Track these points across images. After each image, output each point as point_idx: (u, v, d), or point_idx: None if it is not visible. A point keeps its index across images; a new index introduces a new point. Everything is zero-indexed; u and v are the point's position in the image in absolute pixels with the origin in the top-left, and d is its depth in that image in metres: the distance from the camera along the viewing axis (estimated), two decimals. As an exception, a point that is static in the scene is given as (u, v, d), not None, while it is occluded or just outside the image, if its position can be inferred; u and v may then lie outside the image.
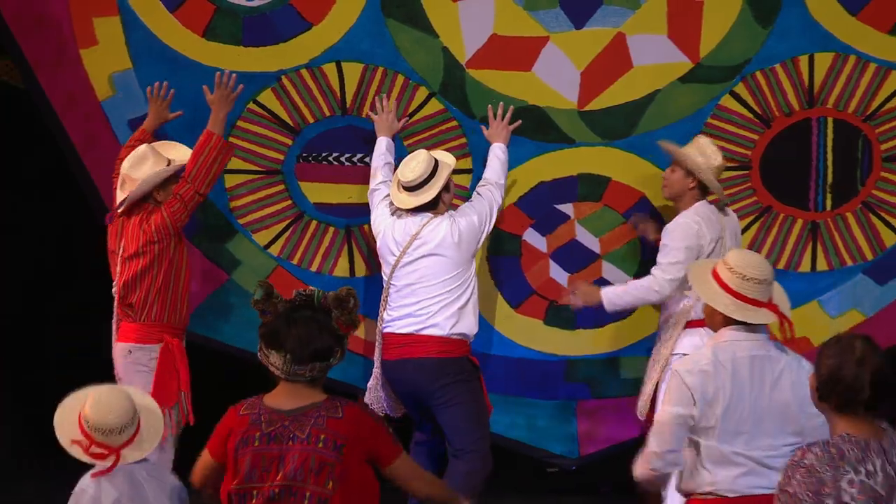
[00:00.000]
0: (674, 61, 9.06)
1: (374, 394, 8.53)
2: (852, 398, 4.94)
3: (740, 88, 9.03)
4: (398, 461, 5.45)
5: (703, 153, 8.30)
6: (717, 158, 8.31)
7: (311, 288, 5.59)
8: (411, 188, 8.23)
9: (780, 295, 5.93)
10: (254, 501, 5.33)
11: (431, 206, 8.23)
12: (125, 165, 8.11)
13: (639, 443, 9.11)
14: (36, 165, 10.70)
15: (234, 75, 8.33)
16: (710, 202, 8.19)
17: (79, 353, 9.49)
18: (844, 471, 4.88)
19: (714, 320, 5.91)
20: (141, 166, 8.12)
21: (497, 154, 8.59)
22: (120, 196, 8.16)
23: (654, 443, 5.83)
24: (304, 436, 5.32)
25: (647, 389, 8.21)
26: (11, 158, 10.66)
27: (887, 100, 8.98)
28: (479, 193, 8.45)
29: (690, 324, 8.23)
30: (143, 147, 8.24)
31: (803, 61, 8.99)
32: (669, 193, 8.41)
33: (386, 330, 8.26)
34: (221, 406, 6.12)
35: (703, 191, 8.23)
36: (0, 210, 10.72)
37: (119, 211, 8.14)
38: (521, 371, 9.27)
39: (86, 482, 5.80)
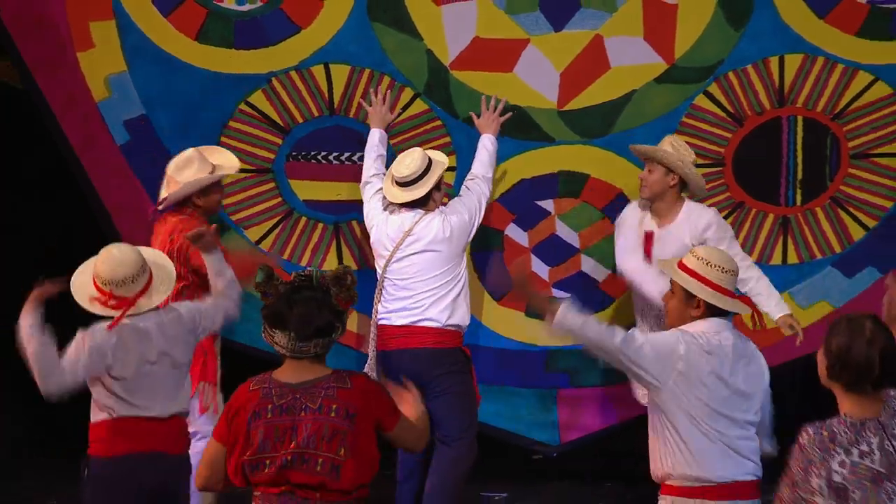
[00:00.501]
0: (650, 62, 9.19)
1: None
2: (863, 377, 4.93)
3: (714, 88, 9.18)
4: (399, 424, 5.50)
5: (677, 150, 8.34)
6: (689, 155, 8.35)
7: (309, 269, 5.71)
8: (404, 184, 8.32)
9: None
10: (267, 470, 5.34)
11: (422, 203, 8.34)
12: (171, 166, 8.00)
13: (619, 429, 9.39)
14: (36, 165, 10.66)
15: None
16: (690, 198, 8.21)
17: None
18: (835, 453, 4.88)
19: (686, 314, 6.01)
20: (185, 170, 7.98)
21: (486, 145, 8.71)
22: (162, 195, 8.09)
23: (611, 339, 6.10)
24: (315, 406, 5.35)
25: None
26: (11, 158, 10.65)
27: (854, 99, 9.12)
28: (467, 187, 8.56)
29: None
30: (190, 150, 8.11)
31: (774, 62, 9.13)
32: (650, 193, 8.39)
33: (381, 322, 8.36)
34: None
35: (682, 187, 8.29)
36: (0, 210, 10.78)
37: (159, 209, 8.08)
38: (503, 361, 9.42)
39: (97, 326, 5.96)
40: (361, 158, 9.37)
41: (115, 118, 9.33)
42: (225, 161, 8.26)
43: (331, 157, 9.38)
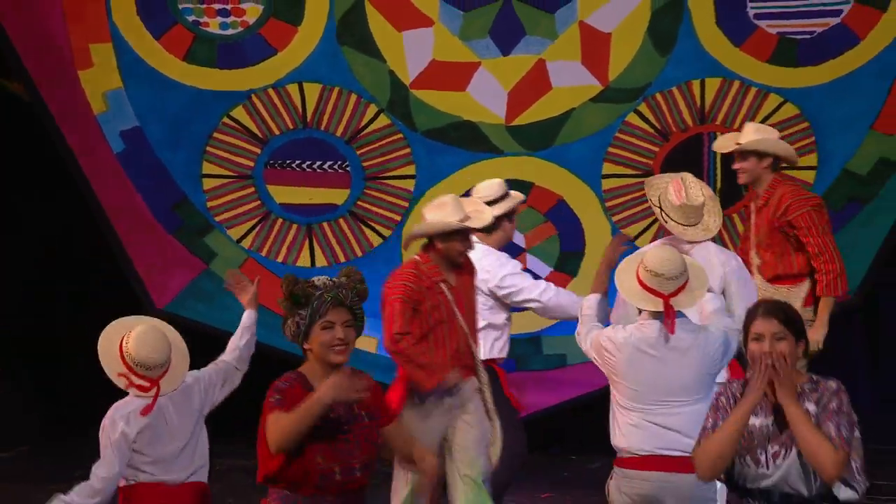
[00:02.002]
0: (586, 84, 9.79)
1: None
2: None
3: (643, 107, 9.77)
4: (394, 424, 5.47)
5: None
6: (697, 198, 7.49)
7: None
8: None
9: (699, 279, 6.08)
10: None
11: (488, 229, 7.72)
12: (428, 205, 7.43)
13: (562, 408, 9.79)
14: (36, 166, 10.63)
15: None
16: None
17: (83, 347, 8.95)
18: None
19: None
20: (437, 210, 7.33)
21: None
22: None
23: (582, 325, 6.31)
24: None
25: None
26: (11, 159, 10.63)
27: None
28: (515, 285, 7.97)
29: None
30: (449, 195, 7.51)
31: (696, 85, 9.74)
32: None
33: None
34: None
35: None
36: (0, 210, 10.82)
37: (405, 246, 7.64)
38: None
39: (119, 413, 5.93)
40: (332, 167, 9.94)
41: (112, 129, 9.92)
42: (473, 211, 7.52)
43: (304, 166, 10.00)
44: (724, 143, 8.33)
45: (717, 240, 8.13)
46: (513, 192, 8.02)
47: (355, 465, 5.22)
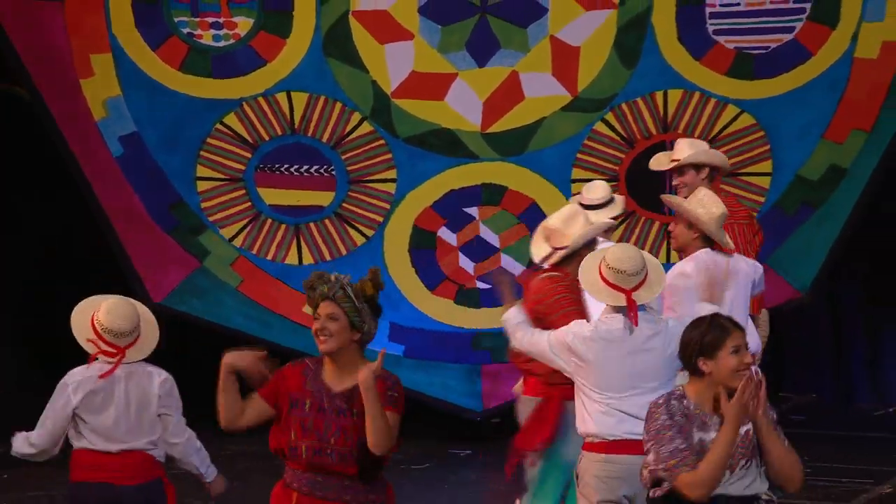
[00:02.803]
0: (557, 94, 10.09)
1: None
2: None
3: (610, 117, 10.08)
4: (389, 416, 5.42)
5: (704, 205, 7.36)
6: (717, 209, 7.27)
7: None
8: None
9: (657, 275, 6.12)
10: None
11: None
12: (555, 221, 7.04)
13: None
14: (36, 166, 10.62)
15: None
16: (714, 249, 7.27)
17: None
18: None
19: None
20: (572, 223, 6.97)
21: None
22: (543, 250, 7.05)
23: (526, 336, 6.33)
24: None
25: None
26: (12, 159, 10.57)
27: (725, 127, 9.99)
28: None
29: None
30: (572, 206, 7.24)
31: (659, 96, 10.04)
32: (676, 245, 7.51)
33: None
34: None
35: (706, 241, 7.23)
36: (0, 210, 10.72)
37: (545, 264, 7.06)
38: (436, 341, 10.24)
39: (72, 378, 5.97)
40: (318, 170, 10.22)
41: (111, 134, 10.19)
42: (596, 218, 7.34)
43: (292, 169, 10.29)
44: (660, 161, 8.14)
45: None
46: (617, 197, 7.79)
47: (327, 449, 5.31)
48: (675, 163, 7.88)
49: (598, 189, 7.71)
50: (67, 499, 6.04)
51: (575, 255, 6.81)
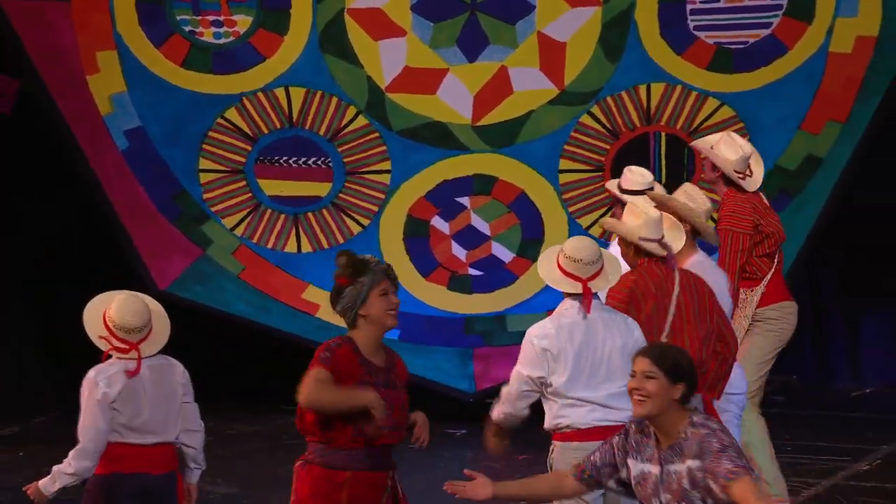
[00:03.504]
0: (544, 88, 10.18)
1: None
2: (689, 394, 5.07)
3: (595, 109, 10.16)
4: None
5: (692, 199, 7.29)
6: (705, 203, 7.25)
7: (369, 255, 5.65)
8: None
9: (613, 266, 6.17)
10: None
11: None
12: (680, 205, 6.96)
13: None
14: (36, 166, 10.67)
15: None
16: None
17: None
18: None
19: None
20: (694, 199, 7.07)
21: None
22: (679, 236, 6.85)
23: (505, 392, 6.12)
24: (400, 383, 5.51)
25: None
26: (12, 159, 10.55)
27: (705, 119, 10.04)
28: None
29: None
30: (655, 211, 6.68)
31: (643, 89, 10.10)
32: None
33: None
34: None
35: (695, 233, 7.12)
36: (0, 210, 10.62)
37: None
38: (429, 325, 10.33)
39: (102, 375, 5.82)
40: (315, 162, 10.31)
41: (117, 129, 10.32)
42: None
43: (290, 161, 10.41)
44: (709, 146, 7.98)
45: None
46: (657, 187, 7.60)
47: (388, 424, 5.37)
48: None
49: (642, 175, 7.64)
50: (96, 490, 5.90)
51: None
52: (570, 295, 6.10)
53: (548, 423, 6.10)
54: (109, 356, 5.87)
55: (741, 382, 7.03)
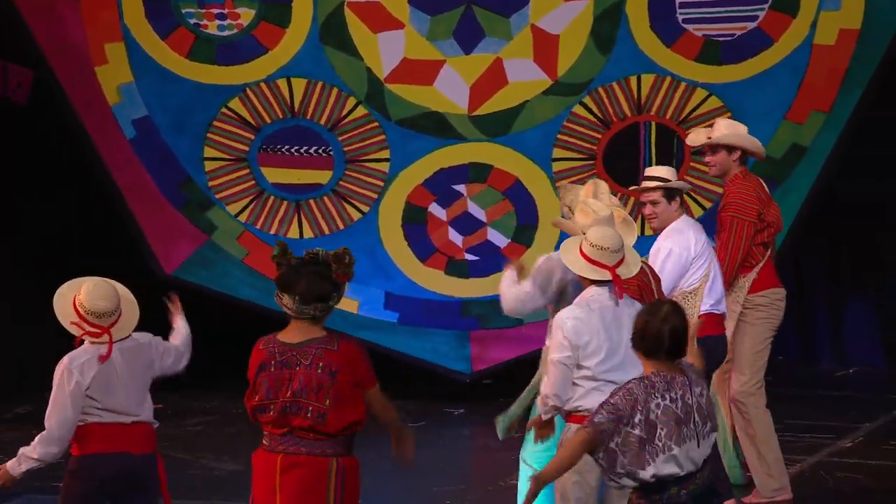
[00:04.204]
0: (538, 79, 10.26)
1: None
2: (655, 347, 5.23)
3: (587, 100, 10.24)
4: (372, 390, 5.51)
5: (732, 127, 7.74)
6: (742, 127, 7.73)
7: (316, 248, 5.64)
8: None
9: (632, 255, 6.18)
10: (270, 414, 5.48)
11: None
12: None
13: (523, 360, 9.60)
14: (37, 165, 10.64)
15: None
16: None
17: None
18: (653, 396, 5.17)
19: (584, 283, 6.21)
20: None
21: None
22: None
23: (547, 386, 6.06)
24: (307, 363, 5.43)
25: None
26: (12, 159, 10.50)
27: (694, 109, 10.13)
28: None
29: None
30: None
31: (633, 80, 10.18)
32: (657, 224, 7.57)
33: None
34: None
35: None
36: (0, 209, 10.54)
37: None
38: (428, 309, 10.38)
39: (75, 362, 5.82)
40: (317, 151, 10.38)
41: (125, 118, 10.40)
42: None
43: (292, 150, 10.51)
44: (696, 138, 8.01)
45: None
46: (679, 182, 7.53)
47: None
48: (709, 140, 7.76)
49: (664, 171, 7.53)
50: (79, 472, 5.92)
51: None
52: (593, 282, 6.11)
53: (568, 405, 6.11)
54: (82, 341, 5.89)
55: None
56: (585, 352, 6.03)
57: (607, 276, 6.07)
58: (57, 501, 5.99)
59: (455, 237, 10.49)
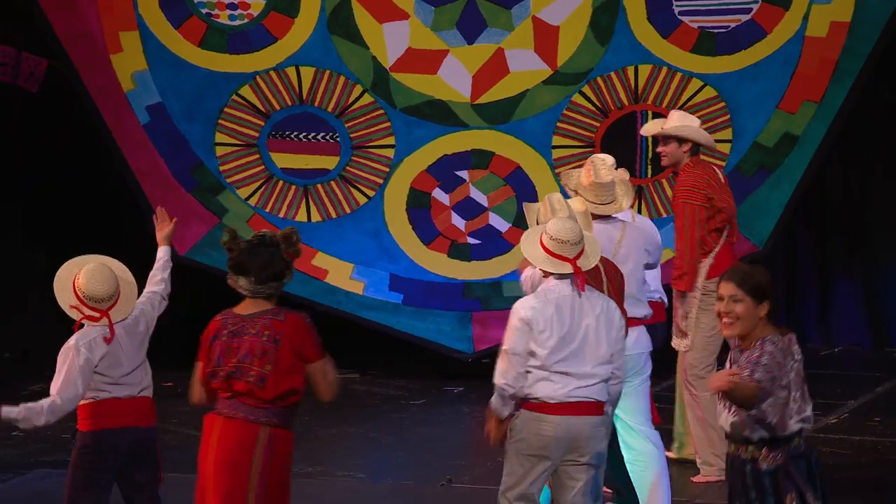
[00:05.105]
0: (538, 69, 10.31)
1: None
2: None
3: (586, 89, 10.32)
4: (315, 364, 5.63)
5: (682, 119, 7.84)
6: (694, 121, 7.86)
7: (264, 229, 5.81)
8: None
9: (592, 247, 6.13)
10: (219, 378, 5.65)
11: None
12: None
13: None
14: (38, 163, 10.79)
15: None
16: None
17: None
18: (788, 357, 5.26)
19: (544, 274, 6.14)
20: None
21: None
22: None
23: (499, 375, 6.02)
24: (255, 331, 5.59)
25: None
26: (13, 158, 10.65)
27: (689, 99, 10.19)
28: None
29: None
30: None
31: (630, 70, 10.28)
32: (668, 162, 7.84)
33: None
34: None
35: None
36: (0, 209, 10.64)
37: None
38: (431, 290, 10.46)
39: (83, 339, 5.92)
40: (324, 137, 10.46)
41: (139, 104, 10.48)
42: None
43: (301, 136, 10.59)
44: (651, 128, 8.19)
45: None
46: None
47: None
48: (661, 131, 7.90)
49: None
50: (90, 447, 6.00)
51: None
52: (552, 275, 6.05)
53: (520, 392, 6.06)
54: (82, 325, 5.98)
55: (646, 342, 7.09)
56: (538, 341, 5.98)
57: (568, 268, 6.02)
58: (67, 476, 6.10)
59: (458, 221, 10.59)
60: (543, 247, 6.05)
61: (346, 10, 10.45)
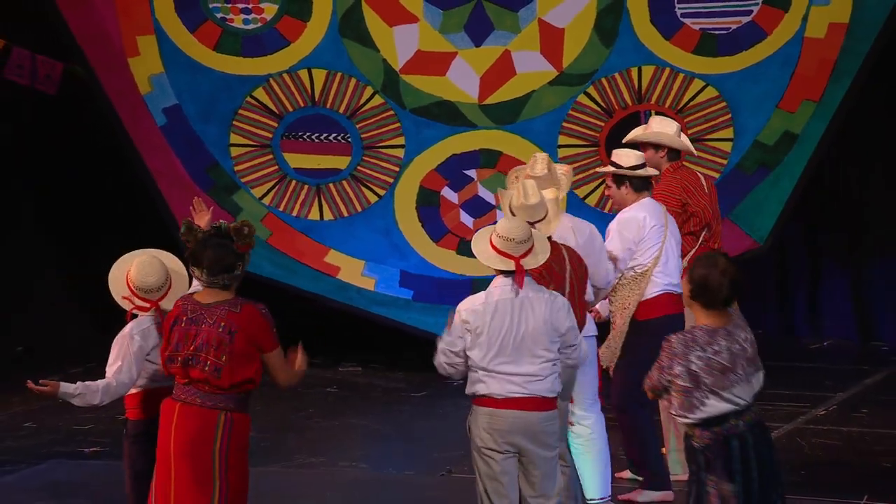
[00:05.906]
0: (545, 70, 10.48)
1: None
2: (715, 298, 5.46)
3: (591, 90, 10.48)
4: (271, 354, 5.74)
5: (660, 126, 7.82)
6: (671, 127, 7.80)
7: (220, 221, 5.88)
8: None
9: (542, 245, 6.14)
10: (177, 363, 5.77)
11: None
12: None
13: None
14: (39, 162, 11.00)
15: None
16: None
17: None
18: (693, 349, 5.43)
19: (495, 272, 6.16)
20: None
21: None
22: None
23: (436, 362, 6.12)
24: (211, 321, 5.70)
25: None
26: (11, 159, 10.81)
27: (691, 99, 10.39)
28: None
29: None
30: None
31: (634, 71, 10.44)
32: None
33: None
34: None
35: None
36: (0, 209, 10.78)
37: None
38: (440, 287, 10.61)
39: (138, 328, 6.02)
40: (336, 138, 10.58)
41: (156, 106, 10.67)
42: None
43: (313, 137, 10.74)
44: (633, 135, 8.13)
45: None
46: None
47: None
48: (636, 138, 7.94)
49: (630, 157, 7.55)
50: (143, 435, 6.03)
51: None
52: (502, 272, 6.09)
53: (467, 388, 6.16)
54: (134, 315, 6.10)
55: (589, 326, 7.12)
56: (476, 342, 6.04)
57: (512, 265, 6.05)
58: (124, 465, 6.17)
59: (466, 219, 10.74)
60: (492, 245, 6.11)
61: (357, 13, 10.57)
